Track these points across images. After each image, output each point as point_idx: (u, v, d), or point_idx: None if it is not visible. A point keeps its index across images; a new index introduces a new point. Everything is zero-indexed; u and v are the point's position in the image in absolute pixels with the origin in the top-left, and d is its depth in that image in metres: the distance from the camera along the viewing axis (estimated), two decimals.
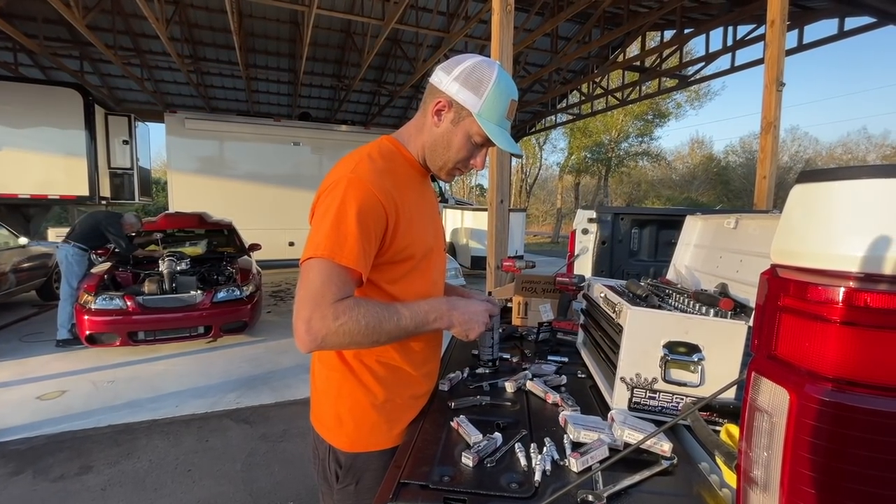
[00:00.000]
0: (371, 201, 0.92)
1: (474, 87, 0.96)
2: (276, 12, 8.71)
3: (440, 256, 1.15)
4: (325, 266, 0.88)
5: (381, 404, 1.03)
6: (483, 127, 0.96)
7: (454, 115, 0.99)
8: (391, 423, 1.05)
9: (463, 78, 0.97)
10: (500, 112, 0.98)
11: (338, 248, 0.88)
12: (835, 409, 0.50)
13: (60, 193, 8.17)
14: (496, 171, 3.41)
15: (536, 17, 8.26)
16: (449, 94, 0.98)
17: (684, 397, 1.00)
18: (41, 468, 2.70)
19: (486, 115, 0.97)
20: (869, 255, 0.50)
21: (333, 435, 1.06)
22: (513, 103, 1.01)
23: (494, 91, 0.96)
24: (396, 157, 1.05)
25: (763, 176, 3.87)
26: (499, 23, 3.30)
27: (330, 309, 0.86)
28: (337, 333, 0.87)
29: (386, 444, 1.04)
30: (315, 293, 0.87)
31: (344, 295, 0.89)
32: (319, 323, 0.86)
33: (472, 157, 1.04)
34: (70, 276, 4.70)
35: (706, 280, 1.52)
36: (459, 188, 34.90)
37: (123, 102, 11.99)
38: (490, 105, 0.97)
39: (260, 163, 9.77)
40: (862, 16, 6.28)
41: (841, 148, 24.96)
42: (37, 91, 8.03)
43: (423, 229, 1.05)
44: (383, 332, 0.92)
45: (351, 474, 1.05)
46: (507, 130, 1.02)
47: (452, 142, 1.01)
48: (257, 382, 4.02)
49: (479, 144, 1.02)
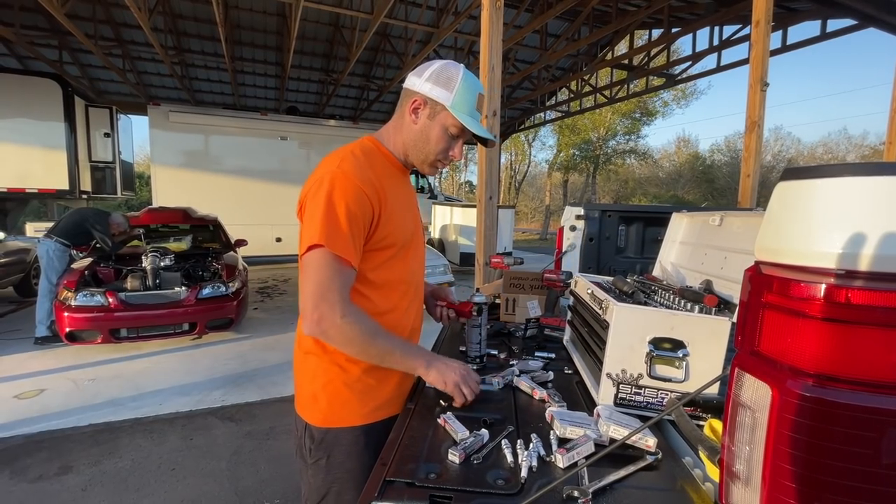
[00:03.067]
0: (357, 194, 1.01)
1: (445, 84, 1.07)
2: (262, 4, 8.55)
3: (419, 247, 1.24)
4: (326, 258, 0.98)
5: (352, 383, 1.11)
6: (457, 117, 1.07)
7: (429, 110, 1.09)
8: (363, 400, 1.12)
9: (434, 77, 1.08)
10: (471, 104, 1.09)
11: (333, 240, 0.98)
12: (815, 404, 0.51)
13: (39, 187, 7.94)
14: (485, 168, 3.41)
15: (526, 14, 8.26)
16: (423, 92, 1.09)
17: (669, 393, 1.01)
18: (18, 468, 2.63)
19: (459, 107, 1.07)
20: (849, 251, 0.51)
21: (309, 412, 1.14)
22: (480, 97, 1.11)
23: (463, 85, 1.07)
24: (376, 155, 1.14)
25: (747, 174, 3.93)
26: (488, 18, 3.29)
27: (337, 304, 0.98)
28: (341, 332, 0.99)
29: (357, 421, 1.12)
30: (326, 288, 0.98)
31: (348, 287, 1.01)
32: (329, 315, 0.97)
33: (450, 148, 1.13)
34: (50, 272, 4.58)
35: (691, 277, 1.54)
36: (449, 185, 34.91)
37: (105, 94, 11.67)
38: (461, 98, 1.07)
39: (246, 157, 9.61)
40: (844, 18, 6.40)
41: (822, 148, 25.49)
42: (13, 81, 7.76)
43: (403, 220, 1.13)
44: (372, 349, 1.03)
45: (322, 449, 1.12)
46: (479, 122, 1.12)
47: (430, 135, 1.11)
48: (243, 380, 3.98)
49: (455, 135, 1.12)
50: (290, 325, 5.65)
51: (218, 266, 5.30)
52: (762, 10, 3.72)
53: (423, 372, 1.08)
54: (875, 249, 0.49)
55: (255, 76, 11.59)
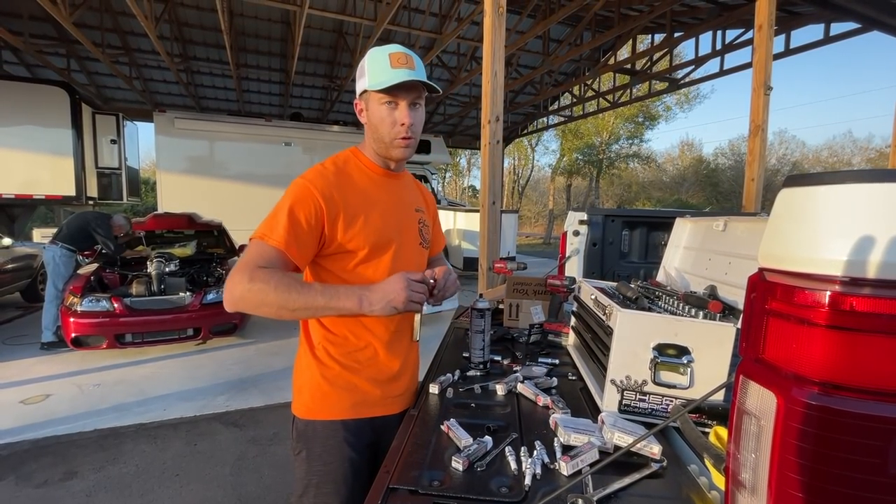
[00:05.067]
0: (305, 195, 1.06)
1: (360, 75, 1.13)
2: (267, 12, 8.64)
3: (407, 251, 1.22)
4: (256, 244, 1.04)
5: (332, 377, 1.15)
6: (374, 89, 1.08)
7: (364, 103, 1.15)
8: (342, 395, 1.15)
9: (356, 78, 1.16)
10: (385, 68, 1.07)
11: (269, 231, 1.03)
12: (821, 412, 0.50)
13: (46, 193, 8.02)
14: (488, 172, 3.41)
15: (528, 20, 8.30)
16: (357, 95, 1.16)
17: (674, 399, 1.01)
18: (24, 474, 2.64)
19: (375, 81, 1.08)
20: (854, 259, 0.50)
21: (295, 404, 1.19)
22: (393, 55, 1.08)
23: (369, 61, 1.10)
24: (352, 163, 1.19)
25: (751, 178, 3.92)
26: (490, 25, 3.31)
27: (247, 272, 0.99)
28: (251, 292, 0.98)
29: (335, 415, 1.15)
30: (242, 263, 1.01)
31: (269, 263, 1.02)
32: (238, 285, 0.98)
33: (394, 120, 1.11)
34: (56, 278, 4.62)
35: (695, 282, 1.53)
36: (452, 189, 34.94)
37: (111, 101, 11.81)
38: (372, 72, 1.09)
39: (251, 163, 9.67)
40: (847, 21, 6.39)
41: (827, 151, 25.38)
42: (22, 89, 7.86)
43: (375, 222, 1.14)
44: (290, 300, 0.99)
45: (302, 441, 1.16)
46: (399, 71, 1.07)
47: (374, 121, 1.13)
48: (247, 385, 3.98)
49: (390, 104, 1.10)
50: (294, 331, 5.63)
51: (222, 271, 5.33)
52: (764, 14, 3.72)
53: (361, 309, 1.02)
54: (879, 256, 0.49)
55: (260, 82, 11.69)
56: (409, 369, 1.26)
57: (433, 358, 1.57)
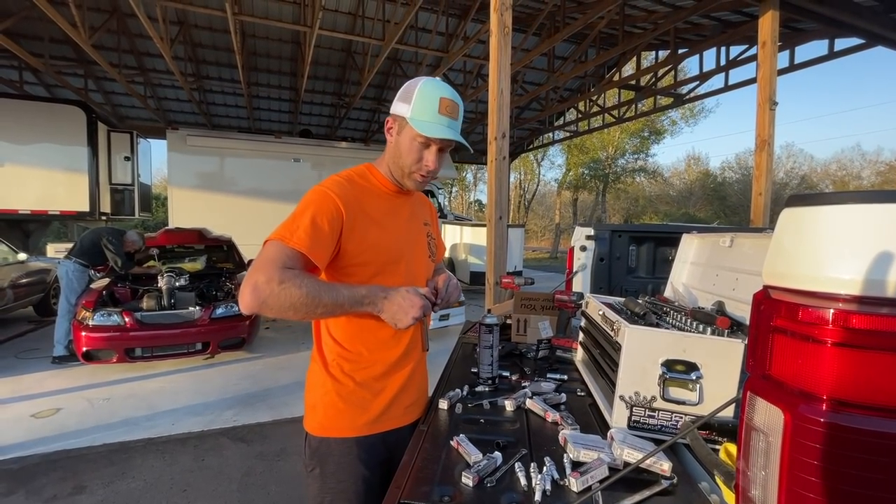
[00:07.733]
0: (325, 199, 1.07)
1: (405, 99, 1.12)
2: (278, 32, 8.87)
3: (417, 268, 1.25)
4: (276, 246, 1.01)
5: (347, 395, 1.15)
6: (415, 126, 1.09)
7: (397, 126, 1.15)
8: (356, 413, 1.15)
9: (399, 96, 1.15)
10: (431, 110, 1.10)
11: (289, 233, 1.02)
12: (828, 429, 0.51)
13: (61, 209, 8.20)
14: (495, 187, 3.45)
15: (533, 38, 8.43)
16: (392, 112, 1.16)
17: (683, 416, 1.01)
18: (34, 488, 2.65)
19: (418, 117, 1.10)
20: (857, 277, 0.52)
21: (308, 421, 1.18)
22: (444, 101, 1.10)
23: (420, 95, 1.10)
24: (368, 177, 1.20)
25: (759, 193, 3.92)
26: (497, 44, 3.38)
27: (277, 273, 0.96)
28: (279, 296, 0.95)
29: (350, 433, 1.15)
30: (263, 264, 0.97)
31: (293, 264, 1.00)
32: (265, 285, 0.95)
33: (421, 158, 1.14)
34: (69, 293, 4.69)
35: (703, 298, 1.53)
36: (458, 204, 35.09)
37: (126, 119, 12.10)
38: (419, 107, 1.10)
39: (260, 179, 9.81)
40: (851, 37, 6.43)
41: (835, 164, 25.16)
42: (41, 109, 8.11)
43: (386, 239, 1.16)
44: (321, 304, 0.99)
45: (316, 458, 1.16)
46: (446, 126, 1.10)
47: (401, 149, 1.14)
48: (255, 400, 3.99)
49: (423, 143, 1.12)
50: (302, 346, 5.66)
51: (231, 286, 5.38)
52: (768, 31, 3.77)
53: (381, 313, 1.07)
54: (881, 275, 0.50)
55: (270, 100, 11.94)
56: (420, 379, 1.28)
57: (442, 373, 1.57)
